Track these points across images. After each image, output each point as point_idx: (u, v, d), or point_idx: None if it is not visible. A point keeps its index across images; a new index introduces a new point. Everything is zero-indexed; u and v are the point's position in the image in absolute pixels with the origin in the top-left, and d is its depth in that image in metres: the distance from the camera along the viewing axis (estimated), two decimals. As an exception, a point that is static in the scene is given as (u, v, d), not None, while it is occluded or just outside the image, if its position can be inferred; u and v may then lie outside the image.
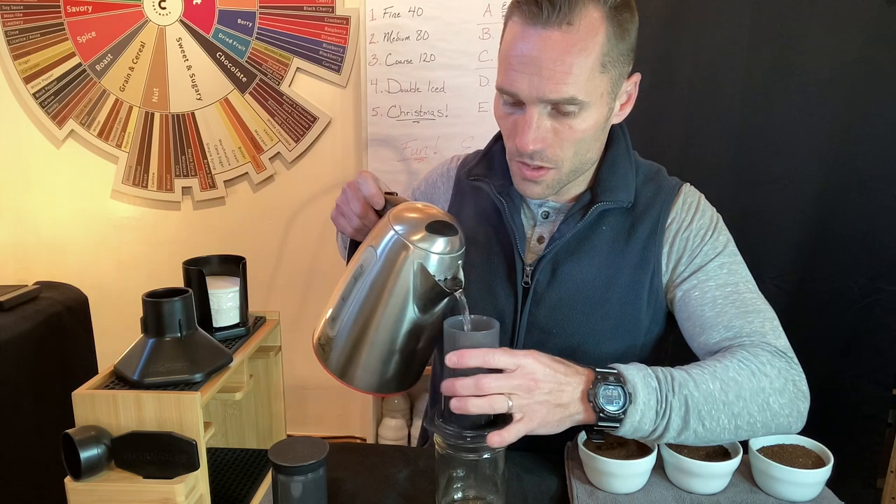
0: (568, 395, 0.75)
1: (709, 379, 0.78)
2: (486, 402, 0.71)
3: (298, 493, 0.67)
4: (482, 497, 0.79)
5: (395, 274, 0.77)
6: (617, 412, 0.74)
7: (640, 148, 1.09)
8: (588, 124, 0.83)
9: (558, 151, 0.85)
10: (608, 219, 0.93)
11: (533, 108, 0.81)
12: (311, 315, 2.17)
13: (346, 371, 0.84)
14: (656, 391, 0.76)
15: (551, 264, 0.93)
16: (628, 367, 0.78)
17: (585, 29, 0.77)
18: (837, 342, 1.76)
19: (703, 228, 0.92)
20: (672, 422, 0.76)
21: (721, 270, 0.90)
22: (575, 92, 0.79)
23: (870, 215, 1.70)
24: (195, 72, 2.04)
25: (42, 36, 2.04)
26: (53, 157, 2.15)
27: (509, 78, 0.81)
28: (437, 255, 0.76)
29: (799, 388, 0.82)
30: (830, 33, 1.65)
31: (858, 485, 1.77)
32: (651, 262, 0.92)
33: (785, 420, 0.81)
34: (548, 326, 0.94)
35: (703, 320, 0.88)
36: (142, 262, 2.20)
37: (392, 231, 0.77)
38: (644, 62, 1.75)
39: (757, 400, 0.79)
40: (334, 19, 1.97)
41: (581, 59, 0.78)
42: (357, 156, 2.06)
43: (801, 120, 1.70)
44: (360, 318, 0.81)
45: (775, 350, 0.83)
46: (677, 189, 0.96)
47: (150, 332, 0.74)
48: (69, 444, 0.67)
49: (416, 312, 0.80)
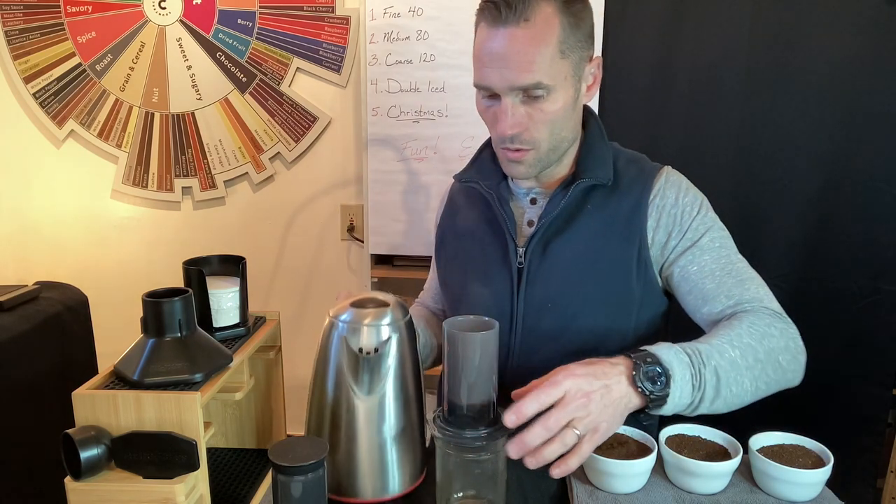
0: (617, 389, 0.76)
1: (728, 348, 0.83)
2: (559, 442, 0.72)
3: (298, 493, 0.67)
4: (482, 497, 0.79)
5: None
6: (661, 391, 0.77)
7: (640, 148, 1.09)
8: (557, 105, 0.91)
9: (534, 133, 0.93)
10: (592, 198, 0.99)
11: (506, 97, 0.90)
12: (311, 315, 2.17)
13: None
14: (689, 366, 0.79)
15: (542, 243, 0.99)
16: (658, 347, 0.81)
17: (542, 23, 0.87)
18: (837, 342, 1.76)
19: (689, 205, 0.98)
20: (707, 393, 0.80)
21: (714, 244, 0.96)
22: (540, 77, 0.88)
23: (870, 215, 1.70)
24: (195, 72, 2.04)
25: (42, 36, 2.04)
26: (53, 157, 2.15)
27: (482, 74, 0.91)
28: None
29: (798, 345, 0.90)
30: (830, 33, 1.65)
31: (858, 485, 1.77)
32: (637, 235, 0.97)
33: (791, 374, 0.88)
34: (543, 302, 0.99)
35: (705, 293, 0.94)
36: (142, 262, 2.20)
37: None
38: (644, 62, 1.78)
39: (770, 360, 0.85)
40: (334, 19, 1.97)
41: (542, 49, 0.87)
42: (357, 156, 2.06)
43: (801, 120, 1.71)
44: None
45: (773, 312, 0.91)
46: (659, 168, 1.03)
47: (150, 332, 0.74)
48: (69, 444, 0.67)
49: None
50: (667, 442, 0.85)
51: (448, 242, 1.12)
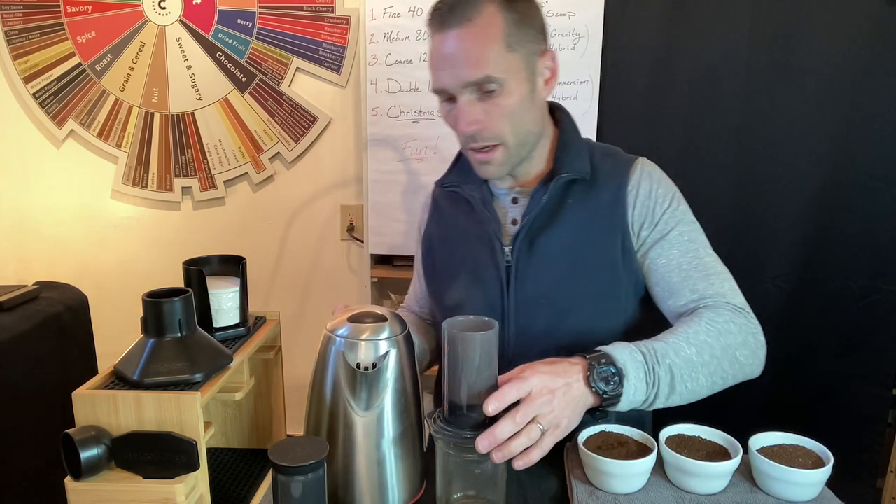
0: (576, 387, 0.79)
1: (685, 345, 0.86)
2: (525, 436, 0.74)
3: (298, 493, 0.67)
4: (482, 497, 0.79)
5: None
6: (614, 390, 0.80)
7: (641, 148, 1.09)
8: (512, 99, 0.93)
9: (494, 128, 0.94)
10: (572, 192, 1.01)
11: (461, 96, 0.93)
12: (311, 315, 2.18)
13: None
14: (643, 364, 0.82)
15: (527, 241, 1.00)
16: (614, 347, 0.84)
17: (484, 21, 0.90)
18: (837, 342, 1.76)
19: (661, 198, 1.00)
20: (661, 390, 0.83)
21: (682, 238, 0.98)
22: (489, 71, 0.90)
23: (870, 215, 1.70)
24: (195, 72, 2.04)
25: (42, 36, 2.04)
26: (53, 157, 2.15)
27: (437, 77, 0.94)
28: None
29: (757, 340, 0.93)
30: (830, 33, 1.66)
31: (858, 485, 1.77)
32: (619, 226, 0.99)
33: (749, 369, 0.91)
34: (534, 298, 1.00)
35: (671, 286, 0.97)
36: (142, 262, 2.20)
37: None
38: (644, 62, 1.78)
39: (727, 356, 0.88)
40: (334, 19, 1.97)
41: (487, 44, 0.90)
42: (357, 156, 2.06)
43: (801, 120, 1.71)
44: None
45: (734, 308, 0.93)
46: (634, 160, 1.04)
47: (150, 332, 0.74)
48: (69, 444, 0.67)
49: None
50: (667, 442, 0.85)
51: (435, 249, 1.12)
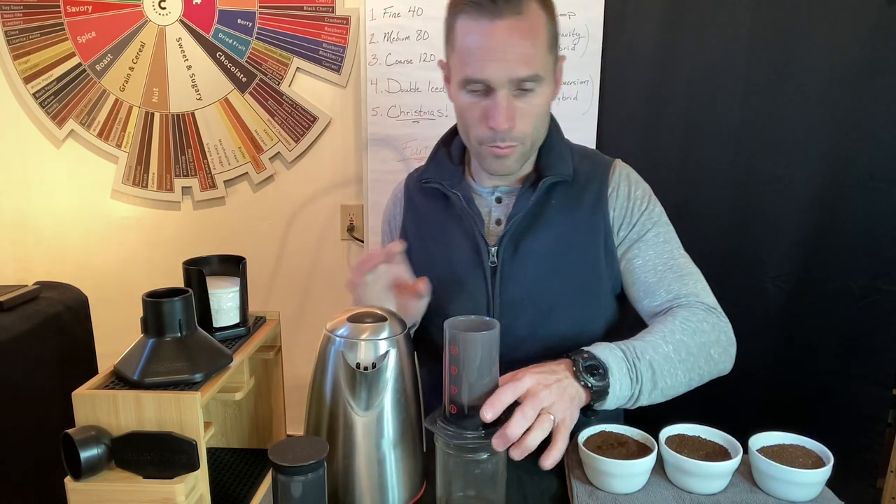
0: (567, 383, 0.79)
1: (662, 343, 0.88)
2: (538, 428, 0.73)
3: (298, 493, 0.67)
4: (482, 497, 0.79)
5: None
6: (601, 381, 0.81)
7: (641, 148, 1.09)
8: (542, 100, 0.94)
9: (523, 127, 0.94)
10: (555, 194, 1.02)
11: (501, 90, 0.90)
12: (312, 315, 2.17)
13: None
14: (624, 360, 0.84)
15: (513, 242, 1.01)
16: (594, 347, 0.85)
17: (532, 17, 0.89)
18: (837, 342, 1.76)
19: (639, 199, 1.02)
20: (644, 385, 0.84)
21: (658, 239, 1.01)
22: (538, 69, 0.90)
23: (870, 215, 1.70)
24: (195, 72, 2.04)
25: (42, 36, 2.04)
26: (53, 157, 2.15)
27: (480, 68, 0.89)
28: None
29: (729, 337, 0.96)
30: (830, 33, 1.65)
31: (858, 485, 1.77)
32: (601, 226, 1.01)
33: (722, 365, 0.95)
34: (519, 299, 1.01)
35: (647, 286, 0.99)
36: (142, 262, 2.20)
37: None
38: (644, 62, 1.78)
39: (702, 354, 0.91)
40: (334, 19, 1.97)
41: (537, 41, 0.89)
42: (357, 156, 2.06)
43: (801, 120, 1.70)
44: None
45: (707, 307, 0.96)
46: (611, 163, 1.07)
47: (150, 332, 0.74)
48: (69, 444, 0.67)
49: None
50: (667, 442, 0.85)
51: (413, 248, 1.06)
